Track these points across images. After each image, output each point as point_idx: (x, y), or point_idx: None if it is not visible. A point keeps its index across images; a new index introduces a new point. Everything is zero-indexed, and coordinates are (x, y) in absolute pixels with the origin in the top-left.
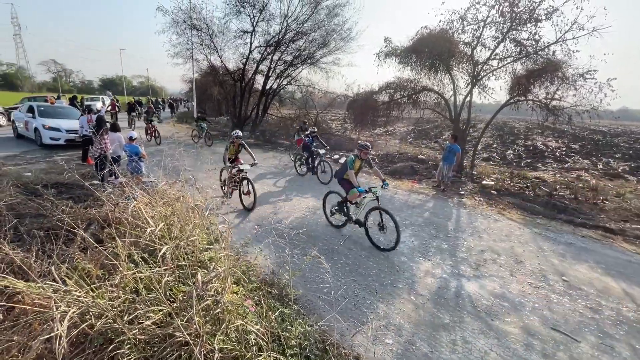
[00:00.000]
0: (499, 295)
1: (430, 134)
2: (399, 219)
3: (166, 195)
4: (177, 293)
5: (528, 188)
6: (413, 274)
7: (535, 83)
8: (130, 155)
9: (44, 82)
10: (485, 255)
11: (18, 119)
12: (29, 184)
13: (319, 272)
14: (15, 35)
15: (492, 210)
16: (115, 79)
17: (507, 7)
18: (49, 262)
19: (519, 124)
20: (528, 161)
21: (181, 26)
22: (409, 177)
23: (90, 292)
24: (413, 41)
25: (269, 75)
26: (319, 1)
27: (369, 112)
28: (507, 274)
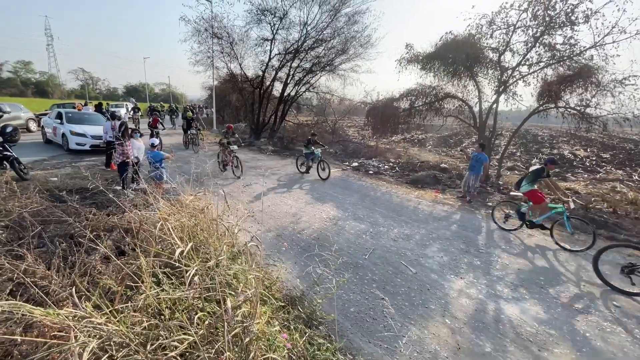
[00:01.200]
0: (545, 322)
1: (450, 142)
2: (425, 232)
3: (190, 205)
4: (203, 317)
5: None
6: (445, 293)
7: (567, 89)
8: (153, 162)
9: (72, 90)
10: (523, 274)
11: (47, 124)
12: (54, 189)
13: (344, 289)
14: (48, 46)
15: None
16: (138, 86)
17: (541, 10)
18: (71, 273)
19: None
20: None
21: (203, 35)
22: (431, 186)
23: (111, 317)
24: (436, 47)
25: (287, 82)
26: (339, 9)
27: (389, 119)
28: (550, 296)
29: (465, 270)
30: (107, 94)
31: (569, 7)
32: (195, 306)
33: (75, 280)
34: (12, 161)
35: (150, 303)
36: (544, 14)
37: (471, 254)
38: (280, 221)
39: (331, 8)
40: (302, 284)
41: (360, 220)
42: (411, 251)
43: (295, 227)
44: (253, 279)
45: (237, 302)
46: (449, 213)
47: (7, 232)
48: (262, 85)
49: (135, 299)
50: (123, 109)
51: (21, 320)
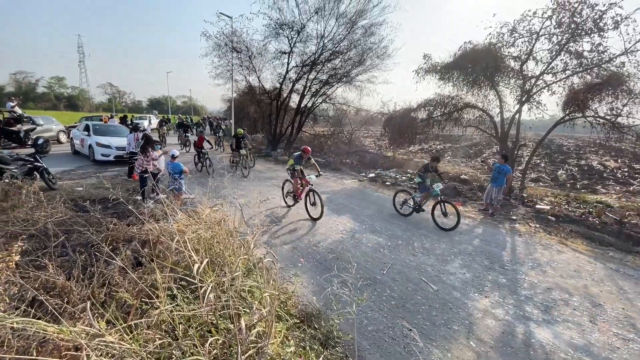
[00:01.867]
0: (580, 348)
1: (470, 152)
2: (445, 247)
3: (207, 217)
4: (216, 335)
5: (591, 214)
6: (469, 313)
7: (595, 98)
8: (172, 173)
9: (100, 103)
10: (554, 294)
11: (75, 136)
12: (79, 199)
13: (362, 306)
14: (80, 62)
15: (552, 240)
16: (161, 99)
17: (567, 18)
18: (89, 284)
19: (567, 142)
20: (584, 183)
21: (223, 49)
22: (451, 199)
23: (124, 334)
24: (455, 57)
25: (304, 93)
26: (355, 21)
27: (406, 130)
28: (585, 320)
29: (490, 288)
30: (132, 107)
31: (596, 13)
32: (209, 323)
33: (93, 292)
34: (42, 171)
35: (164, 319)
36: (569, 21)
37: (496, 271)
38: (296, 233)
39: (348, 21)
40: (318, 302)
41: (377, 233)
42: (432, 267)
43: (311, 240)
44: (268, 296)
45: (252, 321)
46: (470, 227)
47: (32, 241)
48: (280, 97)
49: (150, 314)
50: (146, 121)
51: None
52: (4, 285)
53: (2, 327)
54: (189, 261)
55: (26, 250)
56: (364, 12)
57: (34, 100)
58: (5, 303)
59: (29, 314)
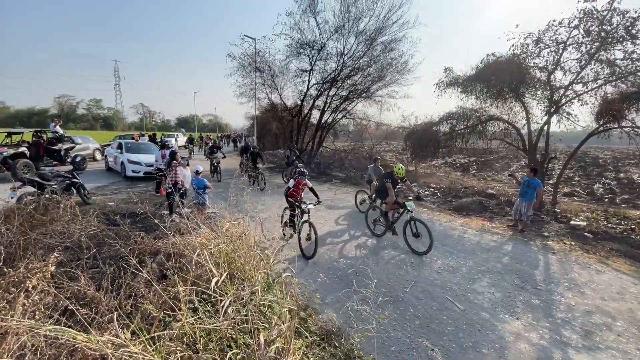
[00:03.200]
0: None
1: (496, 166)
2: (472, 264)
3: (228, 231)
4: (236, 350)
5: (634, 231)
6: (500, 336)
7: (632, 107)
8: (197, 188)
9: (133, 122)
10: (595, 318)
11: (109, 154)
12: (110, 213)
13: (384, 324)
14: (115, 85)
15: (590, 258)
16: (188, 118)
17: (595, 26)
18: (117, 295)
19: (603, 154)
20: (625, 197)
21: (246, 69)
22: (477, 214)
23: (147, 345)
24: (477, 69)
25: (324, 110)
26: (375, 38)
27: (428, 143)
28: (632, 347)
29: (522, 310)
30: (162, 126)
31: (628, 20)
32: (229, 337)
33: (120, 303)
34: (78, 187)
35: (185, 331)
36: (598, 30)
37: (528, 291)
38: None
39: (367, 38)
40: (338, 319)
41: (399, 249)
42: (457, 285)
43: (331, 255)
44: (287, 311)
45: (271, 337)
46: (499, 243)
47: (67, 253)
48: (301, 114)
49: (172, 326)
50: (173, 138)
51: (66, 345)
52: (40, 295)
53: (36, 335)
54: (209, 274)
55: (61, 261)
56: (384, 29)
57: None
58: (40, 312)
59: (61, 323)
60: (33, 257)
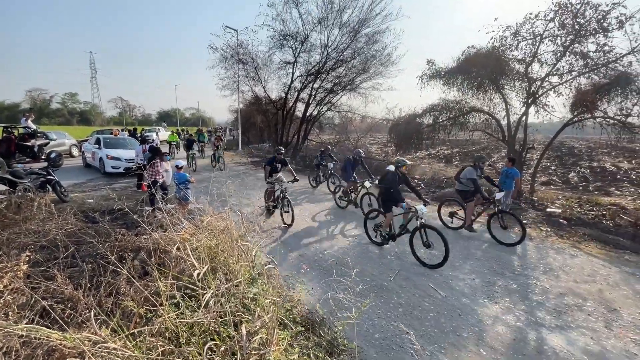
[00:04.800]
0: (595, 355)
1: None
2: (454, 252)
3: (211, 226)
4: (219, 342)
5: (605, 217)
6: (479, 319)
7: (604, 98)
8: (178, 183)
9: (111, 117)
10: (567, 299)
11: (87, 149)
12: (89, 211)
13: (369, 313)
14: (92, 78)
15: (564, 243)
16: (170, 112)
17: (570, 19)
18: (97, 294)
19: (578, 144)
20: (597, 185)
21: (229, 61)
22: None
23: (127, 341)
24: (459, 61)
25: (309, 102)
26: (359, 30)
27: (412, 135)
28: (600, 325)
29: (500, 294)
30: (142, 120)
31: (600, 13)
32: (212, 330)
33: (100, 301)
34: (54, 184)
35: (167, 326)
36: (572, 22)
37: (506, 276)
38: (302, 240)
39: (351, 30)
40: (322, 309)
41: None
42: (439, 273)
43: (317, 247)
44: (271, 303)
45: (254, 328)
46: (479, 231)
47: (43, 253)
48: (285, 107)
49: (153, 321)
50: (154, 133)
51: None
52: (13, 295)
53: (9, 336)
54: (192, 269)
55: (37, 261)
56: (367, 21)
57: (48, 115)
58: (14, 312)
59: (37, 323)
60: (5, 257)
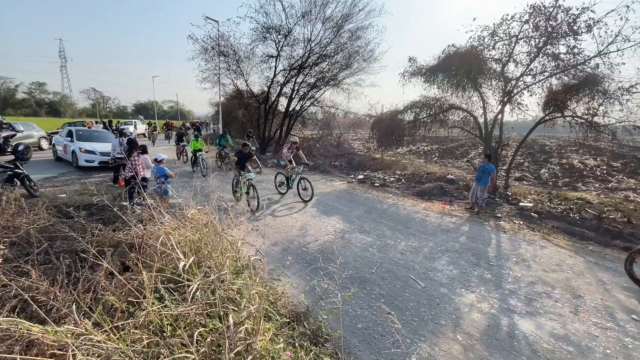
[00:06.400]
0: (562, 338)
1: (456, 153)
2: (433, 244)
3: (194, 219)
4: (205, 334)
5: (572, 210)
6: (456, 308)
7: (573, 98)
8: (157, 176)
9: (84, 109)
10: (537, 287)
11: (58, 142)
12: (62, 206)
13: (351, 304)
14: (62, 67)
15: (535, 236)
16: (147, 104)
17: (543, 21)
18: (74, 289)
19: (549, 142)
20: (566, 180)
21: (210, 53)
22: (438, 198)
23: (111, 334)
24: (439, 60)
25: (292, 97)
26: (342, 25)
27: (393, 132)
28: (566, 311)
29: (476, 284)
30: (117, 112)
31: (570, 17)
32: (197, 322)
33: (78, 297)
34: (22, 178)
35: (152, 319)
36: (545, 25)
37: (482, 267)
38: (286, 235)
39: (334, 25)
40: (307, 299)
41: (366, 233)
42: (419, 264)
43: (301, 241)
44: (257, 294)
45: (240, 318)
46: (457, 225)
47: (14, 249)
48: (268, 101)
49: (137, 315)
50: (131, 126)
51: (21, 338)
52: None
53: None
54: (176, 263)
55: (7, 257)
56: (350, 16)
57: (14, 106)
58: None
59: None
60: None
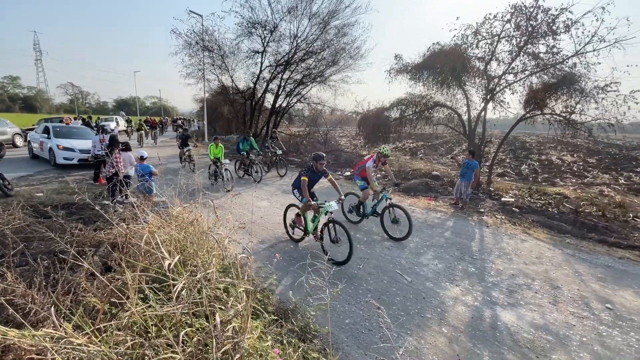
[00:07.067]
0: (541, 327)
1: (441, 149)
2: (419, 240)
3: (179, 218)
4: (191, 333)
5: (551, 205)
6: (441, 301)
7: (552, 97)
8: (141, 174)
9: (61, 104)
10: (518, 279)
11: (34, 139)
12: (39, 205)
13: (339, 300)
14: (36, 61)
15: (516, 230)
16: (129, 100)
17: (524, 21)
18: (53, 292)
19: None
20: (545, 176)
21: (194, 48)
22: (424, 194)
23: (92, 336)
24: (424, 57)
25: (278, 93)
26: (328, 22)
27: (380, 129)
28: (545, 301)
29: (460, 277)
30: (97, 108)
31: (549, 17)
32: (183, 322)
33: (57, 299)
34: None
35: (136, 320)
36: (526, 24)
37: (466, 261)
38: (273, 232)
39: (320, 21)
40: (294, 297)
41: (353, 229)
42: (406, 260)
43: (288, 238)
44: (244, 292)
45: (227, 317)
46: (442, 220)
47: None
48: (254, 97)
49: (120, 316)
50: (112, 122)
51: None
52: None
53: None
54: (161, 262)
55: None
56: (336, 13)
57: None
58: None
59: None
60: None
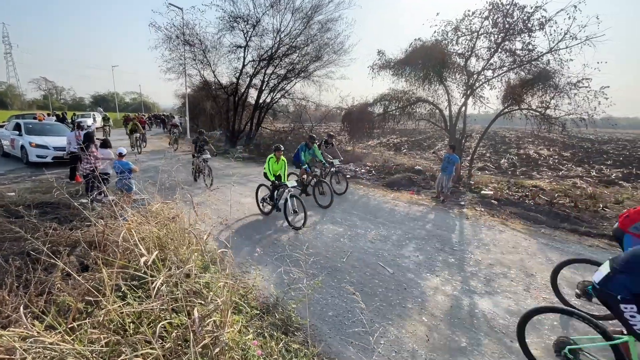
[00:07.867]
0: (516, 314)
1: (424, 145)
2: (401, 232)
3: (159, 214)
4: (170, 329)
5: (527, 197)
6: (422, 291)
7: (529, 92)
8: (120, 171)
9: (34, 100)
10: (495, 269)
11: (4, 137)
12: (11, 204)
13: (323, 293)
14: (6, 54)
15: (495, 221)
16: (107, 96)
17: (501, 18)
18: (25, 292)
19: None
20: (523, 170)
21: (174, 42)
22: (407, 188)
23: (65, 335)
24: (406, 53)
25: (262, 89)
26: (311, 16)
27: (364, 124)
28: (520, 289)
29: (440, 268)
30: (73, 104)
31: (525, 15)
32: (162, 318)
33: (30, 300)
34: None
35: (112, 318)
36: (503, 21)
37: (446, 252)
38: (256, 229)
39: (304, 16)
40: (276, 290)
41: (337, 223)
42: (388, 252)
43: (272, 235)
44: (224, 286)
45: (207, 311)
46: (424, 213)
47: None
48: (237, 92)
49: (95, 314)
50: (90, 119)
51: None
52: None
53: None
54: (139, 259)
55: None
56: (320, 7)
57: None
58: None
59: None
60: None
